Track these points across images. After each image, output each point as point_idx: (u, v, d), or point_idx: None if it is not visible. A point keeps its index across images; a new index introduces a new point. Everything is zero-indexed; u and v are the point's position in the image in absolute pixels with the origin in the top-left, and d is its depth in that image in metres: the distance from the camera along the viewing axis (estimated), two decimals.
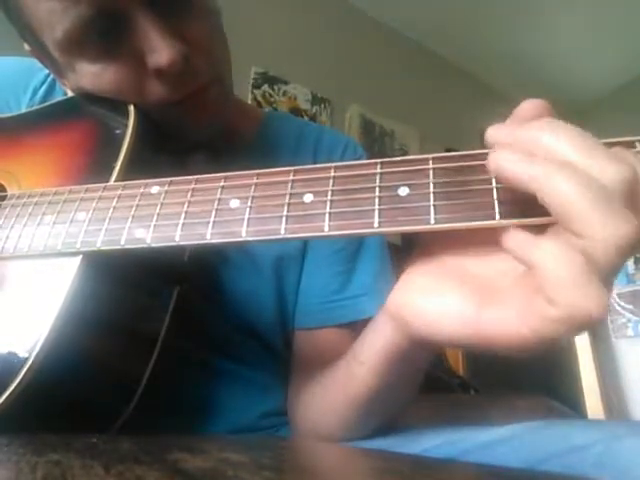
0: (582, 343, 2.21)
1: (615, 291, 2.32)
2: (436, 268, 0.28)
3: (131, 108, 0.42)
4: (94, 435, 0.28)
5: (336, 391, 0.41)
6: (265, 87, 1.86)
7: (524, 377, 1.75)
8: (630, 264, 2.29)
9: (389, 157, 0.28)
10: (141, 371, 0.37)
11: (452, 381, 1.36)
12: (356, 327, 0.50)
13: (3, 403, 0.30)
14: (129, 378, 0.37)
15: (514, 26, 2.31)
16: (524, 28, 2.32)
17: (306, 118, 1.89)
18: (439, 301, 0.26)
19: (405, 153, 2.17)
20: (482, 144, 0.25)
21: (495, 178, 0.24)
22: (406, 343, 0.31)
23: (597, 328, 2.25)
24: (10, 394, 0.30)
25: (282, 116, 0.75)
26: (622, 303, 2.29)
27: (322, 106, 1.98)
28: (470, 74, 2.52)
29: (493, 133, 0.24)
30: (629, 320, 2.26)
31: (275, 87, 1.89)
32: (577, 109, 2.51)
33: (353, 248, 0.54)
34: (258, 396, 0.50)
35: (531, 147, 0.22)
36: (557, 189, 0.20)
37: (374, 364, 0.35)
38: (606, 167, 0.20)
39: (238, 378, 0.49)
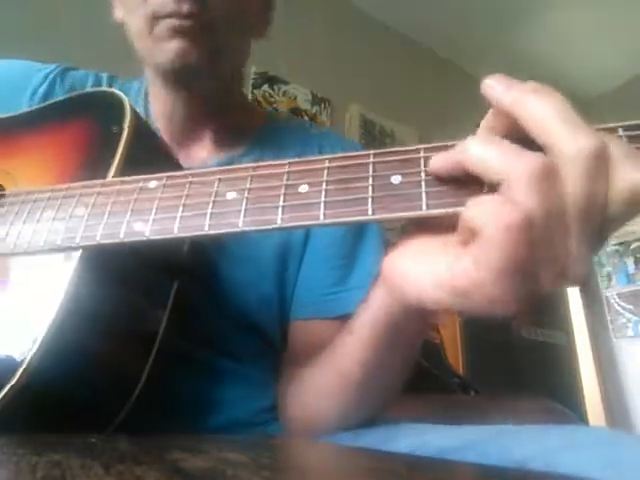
0: (582, 343, 2.22)
1: (615, 291, 2.32)
2: (430, 237, 0.28)
3: (127, 106, 0.42)
4: (94, 435, 0.28)
5: (330, 371, 0.42)
6: (265, 87, 1.86)
7: (524, 377, 1.75)
8: (630, 264, 2.29)
9: None
10: (140, 368, 0.37)
11: (452, 381, 1.36)
12: None
13: (0, 402, 0.29)
14: (128, 375, 0.37)
15: (514, 26, 2.31)
16: (524, 28, 2.32)
17: (306, 118, 1.89)
18: (428, 266, 0.26)
19: None
20: None
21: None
22: (395, 307, 0.32)
23: (596, 328, 2.25)
24: (6, 393, 0.29)
25: (284, 119, 0.75)
26: (622, 303, 2.29)
27: (322, 106, 1.98)
28: (470, 74, 2.52)
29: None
30: (629, 320, 2.26)
31: (275, 87, 1.89)
32: (577, 109, 2.51)
33: (352, 242, 0.54)
34: (256, 392, 0.50)
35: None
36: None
37: (363, 332, 0.36)
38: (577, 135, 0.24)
39: (236, 375, 0.49)
